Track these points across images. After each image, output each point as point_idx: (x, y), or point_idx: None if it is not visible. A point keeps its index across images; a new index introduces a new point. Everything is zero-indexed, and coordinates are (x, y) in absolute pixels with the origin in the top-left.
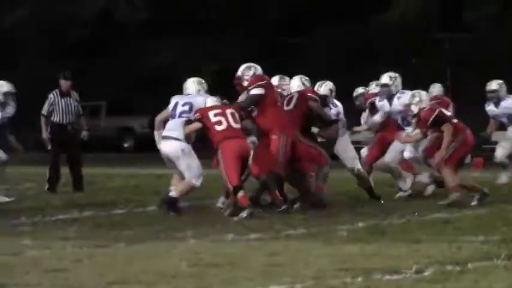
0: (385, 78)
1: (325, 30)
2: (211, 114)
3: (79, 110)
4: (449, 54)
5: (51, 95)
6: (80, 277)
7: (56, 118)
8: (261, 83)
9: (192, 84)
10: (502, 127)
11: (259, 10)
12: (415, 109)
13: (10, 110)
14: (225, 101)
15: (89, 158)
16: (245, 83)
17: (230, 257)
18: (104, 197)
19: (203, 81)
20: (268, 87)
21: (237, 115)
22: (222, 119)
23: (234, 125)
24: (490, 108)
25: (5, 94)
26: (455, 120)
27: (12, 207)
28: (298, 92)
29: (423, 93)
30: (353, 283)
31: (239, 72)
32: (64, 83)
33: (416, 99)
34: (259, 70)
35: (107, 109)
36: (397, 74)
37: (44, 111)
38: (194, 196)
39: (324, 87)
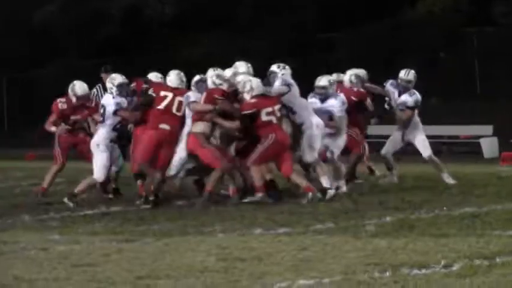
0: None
1: (353, 26)
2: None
3: None
4: (478, 48)
5: (94, 90)
6: (109, 272)
7: None
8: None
9: (175, 77)
10: None
11: (289, 6)
12: (247, 97)
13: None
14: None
15: None
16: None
17: (258, 251)
18: (132, 192)
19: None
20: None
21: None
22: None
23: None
24: None
25: (118, 86)
26: (268, 118)
27: (41, 202)
28: (206, 91)
29: (255, 81)
30: (381, 278)
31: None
32: (106, 77)
33: (247, 87)
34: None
35: None
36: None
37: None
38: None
39: (324, 79)
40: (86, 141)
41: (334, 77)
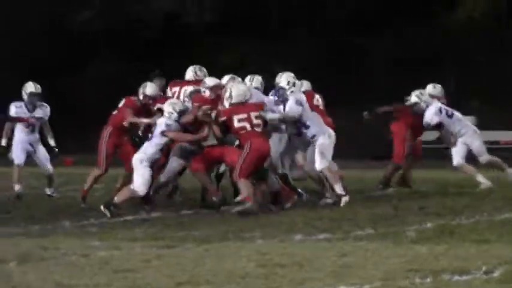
0: None
1: (391, 31)
2: None
3: None
4: None
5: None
6: (149, 278)
7: None
8: None
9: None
10: None
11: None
12: (226, 104)
13: (42, 112)
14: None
15: None
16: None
17: (298, 257)
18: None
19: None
20: None
21: None
22: None
23: None
24: None
25: (30, 95)
26: (241, 125)
27: (81, 208)
28: (124, 98)
29: (237, 89)
30: (422, 284)
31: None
32: (156, 82)
33: (227, 94)
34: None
35: None
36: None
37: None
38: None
39: (283, 78)
40: (129, 145)
41: None
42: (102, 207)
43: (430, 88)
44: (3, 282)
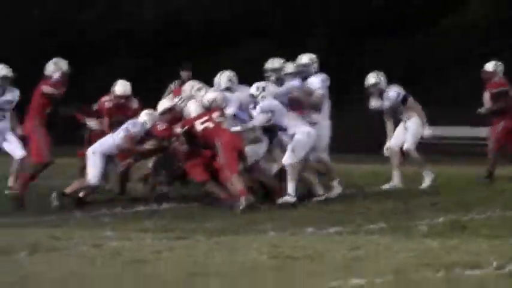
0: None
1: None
2: None
3: None
4: None
5: (171, 85)
6: (160, 269)
7: None
8: None
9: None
10: None
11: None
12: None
13: (11, 95)
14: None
15: None
16: None
17: (310, 250)
18: (183, 190)
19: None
20: None
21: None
22: None
23: None
24: None
25: (2, 78)
26: (203, 126)
27: (94, 198)
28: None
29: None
30: (434, 278)
31: None
32: (184, 74)
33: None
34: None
35: None
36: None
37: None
38: None
39: (223, 78)
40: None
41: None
42: (53, 195)
43: None
44: (14, 272)
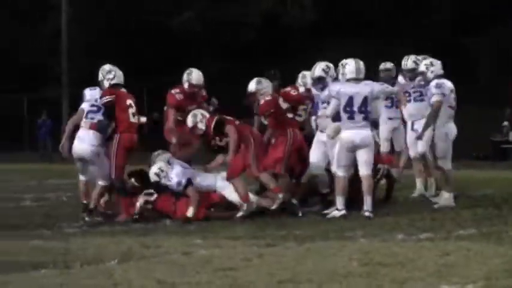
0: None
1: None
2: None
3: None
4: None
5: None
6: (250, 276)
7: None
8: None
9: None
10: None
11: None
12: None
13: None
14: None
15: None
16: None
17: (400, 256)
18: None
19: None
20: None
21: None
22: None
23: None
24: None
25: None
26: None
27: None
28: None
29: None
30: None
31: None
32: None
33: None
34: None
35: None
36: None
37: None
38: None
39: (318, 68)
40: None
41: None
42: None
43: None
44: (105, 280)
